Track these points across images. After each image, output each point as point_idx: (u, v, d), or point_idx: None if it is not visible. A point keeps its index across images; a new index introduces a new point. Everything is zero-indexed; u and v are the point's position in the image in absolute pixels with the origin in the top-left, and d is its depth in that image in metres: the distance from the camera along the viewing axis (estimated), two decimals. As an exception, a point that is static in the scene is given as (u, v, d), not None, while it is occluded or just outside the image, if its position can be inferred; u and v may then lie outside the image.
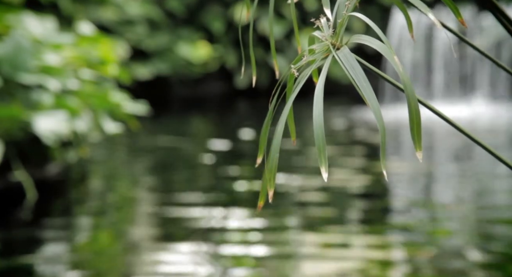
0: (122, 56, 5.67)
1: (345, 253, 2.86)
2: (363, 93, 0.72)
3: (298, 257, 2.84)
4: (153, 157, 5.53)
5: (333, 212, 3.51)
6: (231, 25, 10.38)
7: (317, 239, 3.04)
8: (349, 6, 0.79)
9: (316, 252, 2.85)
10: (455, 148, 5.91)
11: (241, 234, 3.14)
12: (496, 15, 0.92)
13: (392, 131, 6.66)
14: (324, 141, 0.71)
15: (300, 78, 0.79)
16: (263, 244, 2.97)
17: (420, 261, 2.74)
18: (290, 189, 4.06)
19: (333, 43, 0.79)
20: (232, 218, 3.43)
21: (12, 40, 3.93)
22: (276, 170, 0.74)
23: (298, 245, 3.01)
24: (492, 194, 4.13)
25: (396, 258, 2.84)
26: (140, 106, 4.98)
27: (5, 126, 3.72)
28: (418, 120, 0.71)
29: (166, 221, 3.43)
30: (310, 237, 3.09)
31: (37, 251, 2.95)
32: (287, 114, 0.76)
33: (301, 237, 3.13)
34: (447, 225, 3.39)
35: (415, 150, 0.72)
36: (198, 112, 9.18)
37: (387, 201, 3.98)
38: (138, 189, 4.37)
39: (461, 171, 4.98)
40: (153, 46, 9.76)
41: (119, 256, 2.94)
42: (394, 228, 3.36)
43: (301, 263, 2.77)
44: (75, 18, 8.35)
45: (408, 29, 0.80)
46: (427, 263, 2.71)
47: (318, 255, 2.82)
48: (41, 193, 3.83)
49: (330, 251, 2.87)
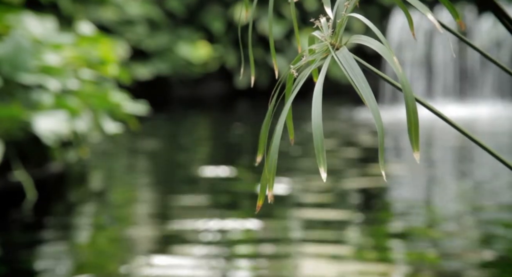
0: (122, 56, 5.67)
1: (345, 253, 2.86)
2: (362, 94, 0.72)
3: (297, 258, 2.84)
4: (153, 157, 5.53)
5: (332, 213, 3.51)
6: (231, 25, 10.38)
7: (317, 239, 3.04)
8: (348, 6, 0.79)
9: (316, 253, 2.85)
10: (455, 148, 5.91)
11: (241, 235, 3.14)
12: (497, 15, 0.92)
13: (391, 132, 6.66)
14: (323, 141, 0.71)
15: (299, 79, 0.79)
16: (264, 245, 2.97)
17: (420, 262, 2.74)
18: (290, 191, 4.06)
19: (333, 43, 0.79)
20: (232, 218, 3.43)
21: (12, 40, 3.93)
22: (275, 171, 0.74)
23: (297, 246, 3.02)
24: (493, 194, 4.13)
25: (396, 261, 2.84)
26: (140, 106, 4.99)
27: (5, 126, 3.72)
28: (416, 120, 0.71)
29: (166, 221, 3.43)
30: (309, 237, 3.09)
31: (37, 251, 2.95)
32: (286, 114, 0.76)
33: (300, 239, 3.13)
34: (447, 226, 3.39)
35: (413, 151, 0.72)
36: (198, 112, 9.18)
37: (387, 202, 3.98)
38: (138, 189, 4.37)
39: (461, 171, 4.98)
40: (153, 46, 9.77)
41: (119, 256, 2.94)
42: (394, 228, 3.36)
43: (301, 263, 2.77)
44: (75, 18, 8.35)
45: (409, 27, 0.80)
46: (427, 265, 2.71)
47: (318, 255, 2.82)
48: (41, 193, 3.83)
49: (330, 250, 2.87)
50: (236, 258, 2.79)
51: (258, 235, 3.12)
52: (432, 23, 0.74)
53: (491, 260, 2.77)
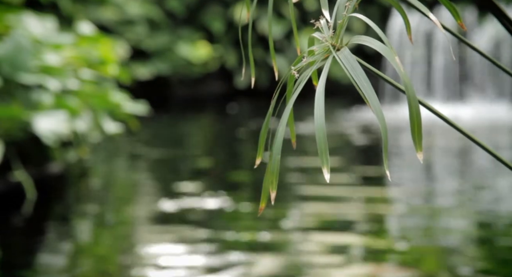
0: (122, 56, 5.67)
1: (346, 253, 2.86)
2: (365, 94, 0.72)
3: (298, 258, 2.84)
4: (153, 157, 5.53)
5: (333, 212, 3.51)
6: (231, 25, 10.38)
7: (319, 238, 3.04)
8: (349, 7, 0.79)
9: (319, 252, 2.85)
10: (455, 149, 5.91)
11: (242, 235, 3.14)
12: (497, 15, 0.92)
13: (392, 132, 6.66)
14: (326, 142, 0.71)
15: (300, 80, 0.79)
16: (266, 246, 2.97)
17: (421, 263, 2.74)
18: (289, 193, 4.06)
19: (333, 44, 0.79)
20: (232, 218, 3.43)
21: (12, 40, 3.93)
22: (278, 172, 0.74)
23: (301, 246, 3.02)
24: (493, 194, 4.13)
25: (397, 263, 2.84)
26: (140, 106, 4.98)
27: (5, 126, 3.72)
28: (419, 121, 0.71)
29: (166, 221, 3.43)
30: (312, 237, 3.09)
31: (37, 251, 2.95)
32: (287, 116, 0.76)
33: (304, 237, 3.13)
34: (447, 226, 3.39)
35: (415, 151, 0.72)
36: (198, 112, 9.18)
37: (387, 202, 3.98)
38: (138, 189, 4.37)
39: (460, 171, 4.98)
40: (153, 46, 9.76)
41: (119, 256, 2.94)
42: (394, 229, 3.36)
43: (303, 263, 2.77)
44: (75, 18, 8.35)
45: (406, 31, 0.80)
46: (429, 264, 2.71)
47: (319, 255, 2.82)
48: (41, 193, 3.83)
49: (330, 251, 2.87)
50: (236, 259, 2.79)
51: (260, 235, 3.12)
52: (434, 23, 0.74)
53: (491, 259, 2.77)
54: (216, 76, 10.47)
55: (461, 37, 0.92)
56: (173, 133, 7.09)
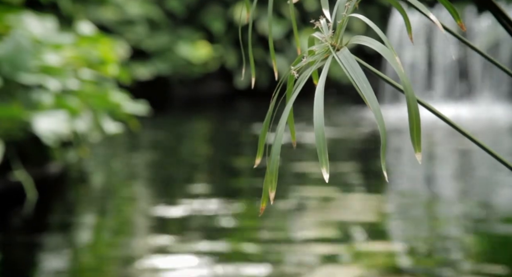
0: (122, 56, 5.67)
1: (346, 252, 2.86)
2: (364, 94, 0.72)
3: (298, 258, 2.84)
4: (153, 157, 5.53)
5: (333, 212, 3.51)
6: (231, 25, 10.38)
7: (319, 238, 3.04)
8: (348, 7, 0.79)
9: (320, 252, 2.85)
10: (455, 149, 5.91)
11: (242, 235, 3.14)
12: (496, 15, 0.92)
13: (392, 132, 6.66)
14: (325, 142, 0.71)
15: (300, 80, 0.78)
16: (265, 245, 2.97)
17: (421, 264, 2.74)
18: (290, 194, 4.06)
19: (333, 44, 0.79)
20: (232, 218, 3.42)
21: (12, 40, 3.93)
22: (277, 172, 0.74)
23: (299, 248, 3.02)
24: (493, 194, 4.13)
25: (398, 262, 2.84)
26: (140, 106, 4.98)
27: (5, 126, 3.72)
28: (418, 121, 0.71)
29: (166, 221, 3.43)
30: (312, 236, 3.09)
31: (37, 251, 2.95)
32: (287, 116, 0.76)
33: (304, 244, 3.13)
34: (447, 225, 3.39)
35: (414, 152, 0.72)
36: (198, 112, 9.18)
37: (387, 202, 3.98)
38: (138, 189, 4.37)
39: (460, 171, 4.98)
40: (153, 46, 9.76)
41: (119, 256, 2.94)
42: (394, 228, 3.36)
43: (305, 263, 2.77)
44: (75, 18, 8.35)
45: (407, 31, 0.80)
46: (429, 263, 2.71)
47: (320, 254, 2.82)
48: (41, 193, 3.83)
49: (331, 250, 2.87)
50: (237, 261, 2.79)
51: (260, 235, 3.12)
52: (434, 23, 0.74)
53: (491, 259, 2.77)
54: (216, 76, 10.47)
55: (461, 37, 0.92)
56: (173, 133, 7.08)
